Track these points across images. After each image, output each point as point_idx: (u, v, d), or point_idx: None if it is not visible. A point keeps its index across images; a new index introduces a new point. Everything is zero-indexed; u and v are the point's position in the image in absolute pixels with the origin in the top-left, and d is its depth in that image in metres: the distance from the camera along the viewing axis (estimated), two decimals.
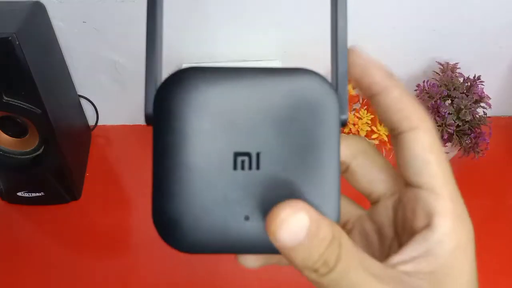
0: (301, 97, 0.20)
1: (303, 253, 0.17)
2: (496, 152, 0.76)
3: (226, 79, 0.19)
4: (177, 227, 0.20)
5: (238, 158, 0.19)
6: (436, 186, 0.20)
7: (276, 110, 0.19)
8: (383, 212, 0.23)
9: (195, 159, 0.19)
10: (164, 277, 0.63)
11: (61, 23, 0.65)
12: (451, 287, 0.20)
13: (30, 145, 0.63)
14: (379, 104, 0.21)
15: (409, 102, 0.21)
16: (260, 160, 0.19)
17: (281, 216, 0.17)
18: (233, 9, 0.64)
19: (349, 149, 0.23)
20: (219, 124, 0.19)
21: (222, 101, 0.19)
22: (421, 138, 0.20)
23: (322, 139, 0.20)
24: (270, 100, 0.19)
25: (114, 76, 0.73)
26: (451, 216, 0.20)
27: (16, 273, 0.64)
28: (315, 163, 0.20)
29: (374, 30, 0.68)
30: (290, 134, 0.19)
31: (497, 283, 0.63)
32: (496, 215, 0.70)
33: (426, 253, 0.20)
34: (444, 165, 0.21)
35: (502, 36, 0.70)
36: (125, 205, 0.72)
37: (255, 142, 0.19)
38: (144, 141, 0.80)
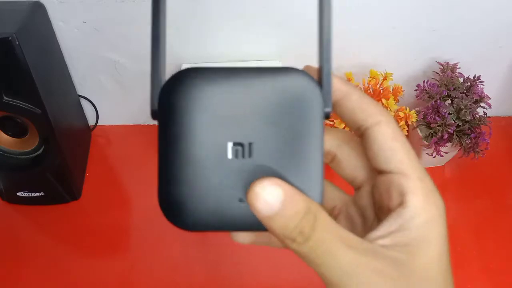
0: (289, 93, 0.22)
1: (279, 222, 0.20)
2: (496, 152, 0.76)
3: (222, 78, 0.22)
4: (180, 209, 0.23)
5: (233, 148, 0.22)
6: (404, 169, 0.23)
7: (266, 105, 0.22)
8: (365, 196, 0.26)
9: (195, 149, 0.22)
10: (164, 277, 0.63)
11: (61, 23, 0.65)
12: (424, 256, 0.22)
13: (30, 145, 0.63)
14: (343, 106, 0.24)
15: (369, 101, 0.23)
16: (252, 149, 0.22)
17: (256, 189, 0.20)
18: (233, 9, 0.64)
19: (335, 140, 0.26)
20: (216, 118, 0.22)
21: (219, 98, 0.22)
22: (384, 130, 0.23)
23: (307, 130, 0.22)
24: (262, 96, 0.22)
25: (114, 76, 0.73)
26: (421, 193, 0.23)
27: (16, 273, 0.64)
28: (301, 151, 0.22)
29: (374, 30, 0.68)
30: (279, 126, 0.22)
31: (497, 283, 0.63)
32: (496, 215, 0.70)
33: (401, 228, 0.22)
34: (408, 150, 0.23)
35: (502, 36, 0.70)
36: (125, 205, 0.72)
37: (248, 133, 0.22)
38: (144, 141, 0.80)
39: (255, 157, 0.22)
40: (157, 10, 0.23)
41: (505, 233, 0.68)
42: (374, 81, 0.66)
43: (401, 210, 0.23)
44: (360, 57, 0.71)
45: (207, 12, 0.64)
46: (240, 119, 0.22)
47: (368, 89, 0.66)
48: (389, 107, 0.63)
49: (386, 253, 0.22)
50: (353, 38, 0.69)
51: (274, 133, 0.22)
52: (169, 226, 0.69)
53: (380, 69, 0.67)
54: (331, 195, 0.28)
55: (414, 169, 0.23)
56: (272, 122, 0.22)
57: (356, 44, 0.70)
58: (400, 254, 0.22)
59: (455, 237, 0.68)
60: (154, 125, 0.82)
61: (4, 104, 0.56)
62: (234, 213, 0.22)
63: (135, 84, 0.75)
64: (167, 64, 0.23)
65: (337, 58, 0.73)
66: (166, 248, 0.66)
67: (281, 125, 0.22)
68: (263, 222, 0.20)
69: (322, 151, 0.22)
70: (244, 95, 0.22)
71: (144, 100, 0.78)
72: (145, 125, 0.82)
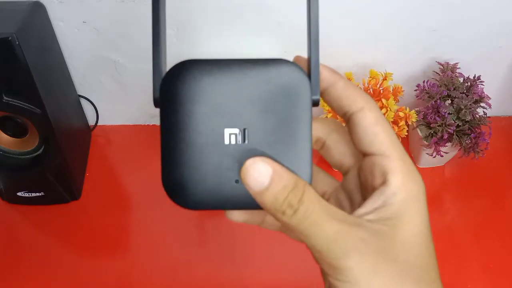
0: (280, 82, 0.24)
1: (270, 196, 0.22)
2: (496, 152, 0.76)
3: (218, 69, 0.24)
4: (182, 189, 0.25)
5: (229, 133, 0.24)
6: (386, 151, 0.25)
7: (259, 94, 0.24)
8: (352, 180, 0.28)
9: (195, 135, 0.24)
10: (164, 277, 0.63)
11: (61, 23, 0.65)
12: (406, 229, 0.24)
13: (30, 145, 0.63)
14: (330, 94, 0.26)
15: (354, 88, 0.25)
16: (247, 135, 0.24)
17: (248, 167, 0.23)
18: (233, 9, 0.64)
19: (324, 128, 0.28)
20: (212, 106, 0.24)
21: (215, 88, 0.24)
22: (368, 115, 0.25)
23: (297, 116, 0.24)
24: (254, 86, 0.24)
25: (114, 76, 0.73)
26: (402, 172, 0.25)
27: (16, 273, 0.64)
28: (291, 136, 0.24)
29: (374, 30, 0.68)
30: (271, 113, 0.24)
31: (497, 283, 0.63)
32: (496, 215, 0.70)
33: (384, 204, 0.24)
34: (390, 133, 0.25)
35: (502, 36, 0.70)
36: (125, 205, 0.72)
37: (242, 120, 0.24)
38: (144, 141, 0.80)
39: (250, 142, 0.24)
40: (157, 5, 0.24)
41: (505, 233, 0.68)
42: (374, 81, 0.66)
43: (383, 188, 0.24)
44: (360, 57, 0.71)
45: (207, 12, 0.64)
46: (235, 107, 0.24)
47: (368, 89, 0.66)
48: (389, 107, 0.63)
49: (370, 226, 0.24)
50: (353, 38, 0.69)
51: (266, 120, 0.24)
52: (169, 226, 0.70)
53: (380, 69, 0.67)
54: (321, 181, 0.30)
55: (395, 150, 0.25)
56: (265, 109, 0.24)
57: (356, 44, 0.70)
58: (384, 226, 0.24)
59: (455, 237, 0.67)
60: (154, 125, 0.82)
61: (4, 104, 0.56)
62: (230, 193, 0.24)
63: (135, 84, 0.75)
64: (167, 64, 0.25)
65: (337, 58, 0.73)
66: (166, 248, 0.66)
67: (273, 112, 0.24)
68: (255, 197, 0.23)
69: (310, 135, 0.24)
70: (238, 84, 0.24)
71: (144, 100, 0.78)
72: (145, 125, 0.82)
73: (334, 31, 0.67)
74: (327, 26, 0.67)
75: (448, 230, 0.68)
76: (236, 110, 0.24)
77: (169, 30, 0.65)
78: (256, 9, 0.64)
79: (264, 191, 0.22)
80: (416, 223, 0.25)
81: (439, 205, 0.71)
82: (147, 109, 0.79)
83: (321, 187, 0.29)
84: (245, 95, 0.24)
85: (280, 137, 0.24)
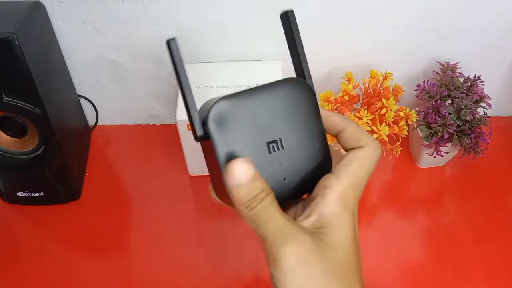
0: (292, 96, 0.31)
1: (244, 190, 0.28)
2: (496, 152, 0.76)
3: (244, 99, 0.30)
4: None
5: (269, 145, 0.30)
6: (341, 176, 0.31)
7: (280, 108, 0.30)
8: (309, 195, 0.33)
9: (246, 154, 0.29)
10: (164, 277, 0.63)
11: (61, 23, 0.65)
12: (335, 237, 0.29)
13: (30, 145, 0.63)
14: (342, 137, 0.32)
15: (360, 131, 0.32)
16: (283, 142, 0.30)
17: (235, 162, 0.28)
18: (233, 9, 0.64)
19: None
20: (249, 128, 0.30)
21: (246, 114, 0.30)
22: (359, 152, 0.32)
23: (312, 118, 0.31)
24: (275, 103, 0.30)
25: (114, 76, 0.73)
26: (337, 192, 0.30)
27: (16, 273, 0.64)
28: (312, 134, 0.31)
29: (374, 30, 0.68)
30: (294, 120, 0.31)
31: (497, 283, 0.63)
32: (496, 215, 0.70)
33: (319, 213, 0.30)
34: (363, 168, 0.31)
35: (502, 36, 0.70)
36: (125, 205, 0.72)
37: (275, 132, 0.30)
38: (144, 141, 0.80)
39: (286, 146, 0.30)
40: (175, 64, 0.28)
41: (505, 233, 0.68)
42: (374, 81, 0.66)
43: (319, 198, 0.30)
44: (360, 57, 0.71)
45: (207, 12, 0.64)
46: (266, 124, 0.30)
47: (369, 89, 0.66)
48: (389, 107, 0.63)
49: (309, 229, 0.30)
50: (354, 38, 0.69)
51: (292, 126, 0.31)
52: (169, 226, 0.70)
53: (380, 69, 0.67)
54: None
55: (353, 178, 0.31)
56: (288, 119, 0.30)
57: (356, 44, 0.70)
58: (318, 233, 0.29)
59: (455, 237, 0.68)
60: (154, 125, 0.82)
61: (4, 104, 0.56)
62: (282, 189, 0.31)
63: (135, 84, 0.75)
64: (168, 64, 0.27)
65: (337, 58, 0.73)
66: (166, 248, 0.66)
67: (294, 120, 0.31)
68: (230, 189, 0.28)
69: (324, 129, 0.32)
70: (262, 106, 0.30)
71: (144, 100, 0.78)
72: (145, 125, 0.82)
73: (334, 31, 0.67)
74: (327, 26, 0.67)
75: (448, 230, 0.68)
76: (268, 126, 0.30)
77: (169, 30, 0.65)
78: (256, 9, 0.64)
79: (240, 186, 0.28)
80: (343, 234, 0.30)
81: (439, 205, 0.71)
82: (147, 109, 0.79)
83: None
84: (271, 113, 0.30)
85: (305, 138, 0.31)
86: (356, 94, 0.65)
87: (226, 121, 0.29)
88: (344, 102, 0.65)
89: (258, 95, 0.30)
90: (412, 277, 0.64)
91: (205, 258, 0.65)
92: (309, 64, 0.32)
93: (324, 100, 0.64)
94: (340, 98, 0.64)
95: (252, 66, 0.68)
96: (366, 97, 0.66)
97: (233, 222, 0.68)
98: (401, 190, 0.74)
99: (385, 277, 0.64)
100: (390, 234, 0.68)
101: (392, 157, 0.68)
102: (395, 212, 0.71)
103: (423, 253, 0.66)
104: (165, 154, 0.76)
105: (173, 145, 0.74)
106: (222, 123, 0.29)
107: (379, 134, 0.63)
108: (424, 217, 0.70)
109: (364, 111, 0.63)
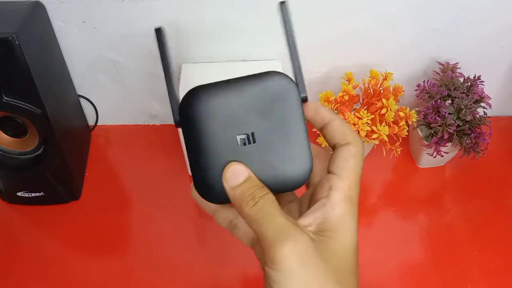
0: (273, 90, 0.30)
1: (240, 190, 0.29)
2: (496, 152, 0.76)
3: (221, 89, 0.29)
4: (210, 189, 0.30)
5: (240, 139, 0.30)
6: (343, 174, 0.30)
7: (258, 102, 0.29)
8: (306, 194, 0.33)
9: (214, 145, 0.30)
10: (164, 277, 0.63)
11: (61, 23, 0.65)
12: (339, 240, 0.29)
13: (30, 145, 0.63)
14: (328, 129, 0.31)
15: (348, 127, 0.31)
16: (255, 136, 0.30)
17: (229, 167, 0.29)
18: (233, 9, 0.64)
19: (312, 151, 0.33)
20: (223, 119, 0.29)
21: (222, 105, 0.29)
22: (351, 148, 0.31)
23: (292, 114, 0.30)
24: (253, 96, 0.29)
25: (114, 76, 0.73)
26: (344, 192, 0.30)
27: (16, 273, 0.64)
28: (290, 130, 0.30)
29: (374, 30, 0.68)
30: (271, 115, 0.30)
31: (497, 283, 0.63)
32: (496, 215, 0.70)
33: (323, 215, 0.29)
34: (359, 166, 0.31)
35: (502, 36, 0.70)
36: (125, 205, 0.72)
37: (249, 126, 0.29)
38: (143, 141, 0.80)
39: (258, 142, 0.30)
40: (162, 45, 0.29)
41: (505, 233, 0.68)
42: (374, 81, 0.66)
43: (325, 199, 0.30)
44: (360, 57, 0.71)
45: (207, 12, 0.64)
46: (242, 117, 0.29)
47: (369, 89, 0.66)
48: (389, 107, 0.63)
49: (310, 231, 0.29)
50: (354, 38, 0.69)
51: (268, 122, 0.30)
52: (169, 226, 0.70)
53: (380, 69, 0.67)
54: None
55: (350, 178, 0.30)
56: (265, 114, 0.29)
57: (356, 44, 0.70)
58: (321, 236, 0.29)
59: (455, 237, 0.68)
60: (153, 125, 0.82)
61: (4, 104, 0.56)
62: None
63: (135, 84, 0.75)
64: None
65: (337, 58, 0.73)
66: (166, 248, 0.66)
67: (272, 115, 0.30)
68: (228, 191, 0.29)
69: (305, 127, 0.30)
70: (240, 98, 0.29)
71: (144, 100, 0.78)
72: (145, 125, 0.82)
73: (334, 31, 0.67)
74: (327, 27, 0.67)
75: (448, 230, 0.68)
76: (243, 119, 0.29)
77: (169, 30, 0.65)
78: (257, 9, 0.64)
79: (237, 186, 0.29)
80: (348, 237, 0.29)
81: (439, 205, 0.71)
82: (147, 109, 0.79)
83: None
84: (248, 106, 0.29)
85: (281, 134, 0.30)
86: (356, 94, 0.65)
87: (199, 109, 0.29)
88: (344, 102, 0.65)
89: (237, 86, 0.29)
90: (412, 277, 0.64)
91: (205, 258, 0.65)
92: (309, 64, 0.31)
93: (324, 100, 0.64)
94: (340, 98, 0.64)
95: (252, 66, 0.68)
96: (366, 97, 0.66)
97: None
98: (401, 190, 0.74)
99: (385, 277, 0.64)
100: (390, 234, 0.68)
101: (392, 157, 0.68)
102: (395, 212, 0.71)
103: (423, 253, 0.66)
104: (165, 154, 0.76)
105: (173, 145, 0.74)
106: (194, 111, 0.29)
107: (379, 134, 0.63)
108: (424, 217, 0.70)
109: (364, 111, 0.63)
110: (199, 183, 0.31)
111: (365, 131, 0.62)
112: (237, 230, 0.34)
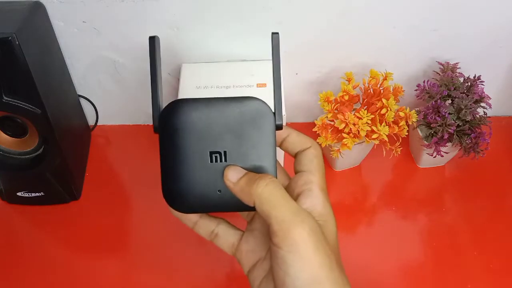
0: (251, 114, 0.32)
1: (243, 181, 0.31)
2: (496, 152, 0.76)
3: (202, 106, 0.31)
4: (178, 198, 0.33)
5: (212, 155, 0.32)
6: (313, 171, 0.34)
7: (236, 124, 0.32)
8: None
9: (187, 156, 0.32)
10: (164, 277, 0.63)
11: (61, 23, 0.65)
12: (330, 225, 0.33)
13: (30, 145, 0.63)
14: (288, 142, 0.35)
15: (303, 136, 0.35)
16: (227, 155, 0.32)
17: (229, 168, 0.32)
18: (233, 9, 0.64)
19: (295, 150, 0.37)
20: (200, 134, 0.31)
21: (201, 120, 0.31)
22: (312, 151, 0.35)
23: (264, 138, 0.32)
24: (231, 118, 0.32)
25: (114, 76, 0.73)
26: (319, 185, 0.33)
27: (16, 273, 0.64)
28: (260, 152, 0.32)
29: (374, 30, 0.68)
30: (245, 137, 0.32)
31: (497, 283, 0.63)
32: (496, 215, 0.70)
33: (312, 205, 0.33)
34: (320, 163, 0.35)
35: (502, 36, 0.70)
36: (125, 205, 0.72)
37: (223, 144, 0.32)
38: (144, 141, 0.80)
39: (229, 161, 0.32)
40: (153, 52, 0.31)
41: (505, 233, 0.68)
42: (374, 81, 0.66)
43: (308, 192, 0.33)
44: (360, 57, 0.71)
45: (207, 12, 0.64)
46: (218, 134, 0.32)
47: (369, 89, 0.66)
48: (389, 107, 0.63)
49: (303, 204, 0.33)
50: (354, 38, 0.69)
51: (242, 143, 0.32)
52: (169, 226, 0.70)
53: (380, 69, 0.67)
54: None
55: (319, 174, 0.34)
56: (240, 135, 0.32)
57: (357, 44, 0.70)
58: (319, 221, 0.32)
59: (455, 237, 0.68)
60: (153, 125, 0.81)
61: (4, 104, 0.56)
62: (215, 200, 0.33)
63: (135, 84, 0.75)
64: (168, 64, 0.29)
65: (337, 58, 0.73)
66: (166, 248, 0.66)
67: (246, 137, 0.32)
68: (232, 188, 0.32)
69: (275, 152, 0.32)
70: (219, 117, 0.31)
71: (144, 100, 0.77)
72: (145, 125, 0.82)
73: (334, 31, 0.67)
74: (327, 27, 0.67)
75: (448, 230, 0.68)
76: (218, 136, 0.31)
77: (169, 30, 0.65)
78: (257, 9, 0.64)
79: (241, 178, 0.31)
80: (333, 222, 0.33)
81: (439, 205, 0.71)
82: (147, 109, 0.79)
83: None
84: (225, 125, 0.31)
85: (252, 156, 0.32)
86: (356, 94, 0.65)
87: (177, 120, 0.31)
88: (344, 102, 0.65)
89: (218, 105, 0.31)
90: (412, 277, 0.64)
91: (205, 258, 0.65)
92: (309, 64, 0.33)
93: (324, 100, 0.64)
94: (340, 98, 0.64)
95: (252, 66, 0.68)
96: (366, 97, 0.66)
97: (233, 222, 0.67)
98: (401, 190, 0.74)
99: (385, 277, 0.64)
100: (390, 234, 0.68)
101: (392, 157, 0.68)
102: (395, 212, 0.71)
103: (423, 253, 0.66)
104: None
105: None
106: (173, 121, 0.31)
107: (379, 134, 0.63)
108: (424, 217, 0.70)
109: (364, 111, 0.63)
110: (167, 190, 0.33)
111: (365, 131, 0.62)
112: (218, 238, 0.37)
